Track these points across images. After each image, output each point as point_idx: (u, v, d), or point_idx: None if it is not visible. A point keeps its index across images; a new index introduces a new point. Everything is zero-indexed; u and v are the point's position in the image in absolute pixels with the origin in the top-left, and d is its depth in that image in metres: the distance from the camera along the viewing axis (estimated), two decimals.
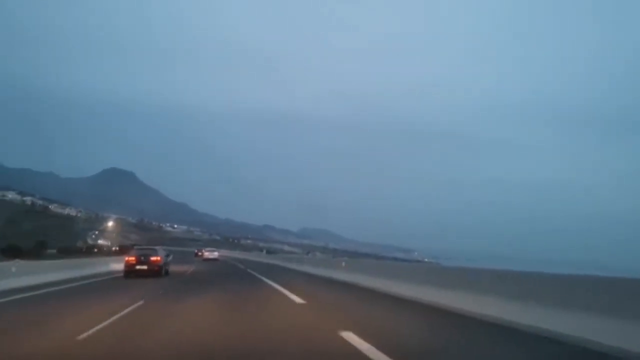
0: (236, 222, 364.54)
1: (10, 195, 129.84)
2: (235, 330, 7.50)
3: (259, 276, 22.61)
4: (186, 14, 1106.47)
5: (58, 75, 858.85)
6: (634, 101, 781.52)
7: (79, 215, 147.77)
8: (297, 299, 11.95)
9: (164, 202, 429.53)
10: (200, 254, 64.77)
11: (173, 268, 25.71)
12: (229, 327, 7.92)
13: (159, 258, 22.08)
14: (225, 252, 76.50)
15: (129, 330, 7.54)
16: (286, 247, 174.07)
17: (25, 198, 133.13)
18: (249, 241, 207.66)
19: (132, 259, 21.82)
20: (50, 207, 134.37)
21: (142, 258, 21.65)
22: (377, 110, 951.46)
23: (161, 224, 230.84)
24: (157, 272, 21.34)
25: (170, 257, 25.34)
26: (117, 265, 26.03)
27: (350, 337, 6.61)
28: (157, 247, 24.97)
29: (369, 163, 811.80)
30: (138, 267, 21.23)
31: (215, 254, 52.22)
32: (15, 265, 16.74)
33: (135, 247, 27.91)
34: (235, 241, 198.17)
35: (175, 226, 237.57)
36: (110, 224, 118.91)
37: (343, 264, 21.61)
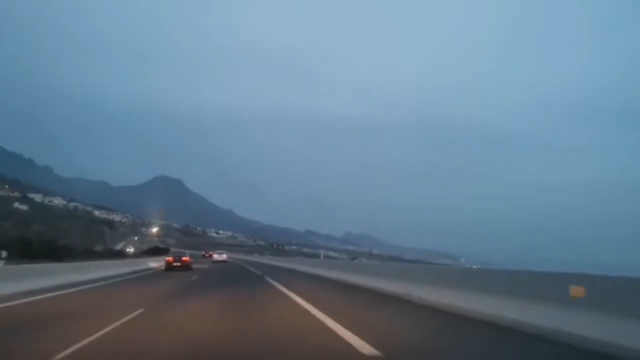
0: (279, 228, 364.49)
1: (56, 201, 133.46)
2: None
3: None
4: (233, 26, 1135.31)
5: (110, 88, 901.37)
6: None
7: (123, 220, 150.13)
8: (257, 272, 27.03)
9: (210, 208, 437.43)
10: (208, 255, 66.47)
11: (194, 266, 34.34)
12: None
13: (188, 258, 31.77)
14: (266, 259, 70.67)
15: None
16: (332, 254, 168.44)
17: (71, 204, 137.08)
18: (293, 247, 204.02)
19: (170, 259, 31.70)
20: (96, 212, 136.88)
21: (177, 258, 31.69)
22: (422, 113, 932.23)
23: (206, 230, 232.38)
24: (186, 267, 30.26)
25: (192, 259, 34.04)
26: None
27: (266, 278, 21.00)
28: (185, 251, 40.17)
29: (413, 168, 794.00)
30: (174, 264, 30.37)
31: (224, 256, 53.29)
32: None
33: (171, 250, 40.74)
34: (280, 247, 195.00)
35: (220, 232, 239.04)
36: (154, 229, 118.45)
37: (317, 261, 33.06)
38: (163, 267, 31.45)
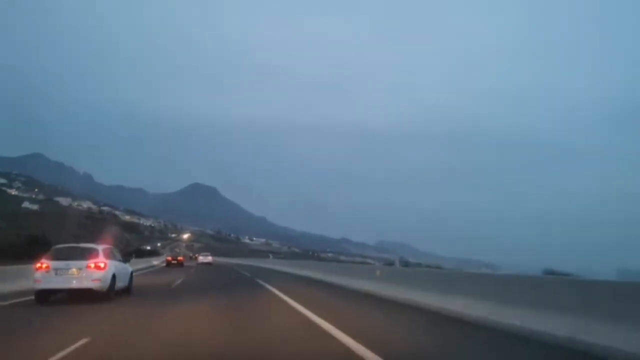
0: (312, 235, 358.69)
1: (85, 205, 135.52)
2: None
3: None
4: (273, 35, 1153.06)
5: (146, 101, 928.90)
6: None
7: (153, 225, 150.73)
8: (247, 274, 28.95)
9: (243, 215, 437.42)
10: (194, 257, 69.62)
11: (187, 263, 47.17)
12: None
13: (182, 258, 47.45)
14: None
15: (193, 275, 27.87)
16: (369, 262, 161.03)
17: (103, 208, 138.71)
18: (328, 254, 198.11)
19: (170, 258, 46.94)
20: (126, 217, 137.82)
21: (174, 257, 47.21)
22: (458, 121, 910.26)
23: (239, 237, 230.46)
24: (181, 264, 43.36)
25: (184, 259, 47.41)
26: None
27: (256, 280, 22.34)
28: (180, 252, 70.90)
29: (451, 176, 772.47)
30: (173, 262, 43.99)
31: (209, 259, 54.17)
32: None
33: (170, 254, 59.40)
34: (315, 254, 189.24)
35: (254, 239, 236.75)
36: (185, 235, 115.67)
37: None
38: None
